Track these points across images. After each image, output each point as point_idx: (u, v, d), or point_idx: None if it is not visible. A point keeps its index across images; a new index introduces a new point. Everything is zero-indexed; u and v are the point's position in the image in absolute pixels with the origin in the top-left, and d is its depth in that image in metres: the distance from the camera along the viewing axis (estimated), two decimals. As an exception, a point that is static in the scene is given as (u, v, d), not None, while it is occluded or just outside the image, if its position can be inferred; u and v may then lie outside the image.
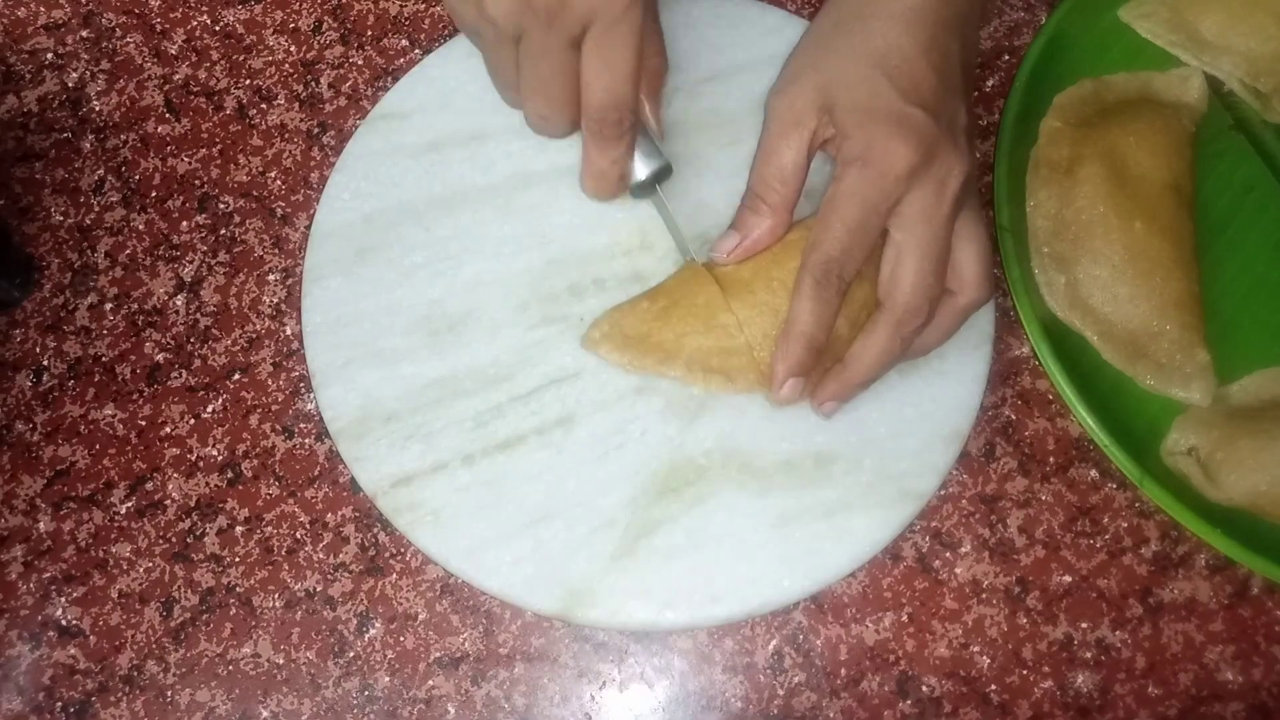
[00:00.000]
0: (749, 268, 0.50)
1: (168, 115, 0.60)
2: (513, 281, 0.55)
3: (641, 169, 0.52)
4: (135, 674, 0.51)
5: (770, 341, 0.49)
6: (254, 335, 0.56)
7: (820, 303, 0.47)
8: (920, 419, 0.52)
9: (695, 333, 0.50)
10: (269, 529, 0.53)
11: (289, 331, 0.56)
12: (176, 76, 0.61)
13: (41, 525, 0.53)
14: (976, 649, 0.52)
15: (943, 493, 0.54)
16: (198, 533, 0.53)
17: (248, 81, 0.61)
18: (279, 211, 0.59)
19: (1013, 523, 0.53)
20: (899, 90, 0.47)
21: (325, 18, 0.62)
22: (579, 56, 0.46)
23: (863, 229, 0.47)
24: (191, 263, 0.58)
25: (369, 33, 0.62)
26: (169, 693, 0.51)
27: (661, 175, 0.52)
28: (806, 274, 0.47)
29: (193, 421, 0.55)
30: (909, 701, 0.51)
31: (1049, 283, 0.55)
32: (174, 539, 0.53)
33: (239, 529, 0.53)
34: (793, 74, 0.50)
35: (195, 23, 0.62)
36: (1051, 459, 0.54)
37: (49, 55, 0.61)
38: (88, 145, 0.60)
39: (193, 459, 0.54)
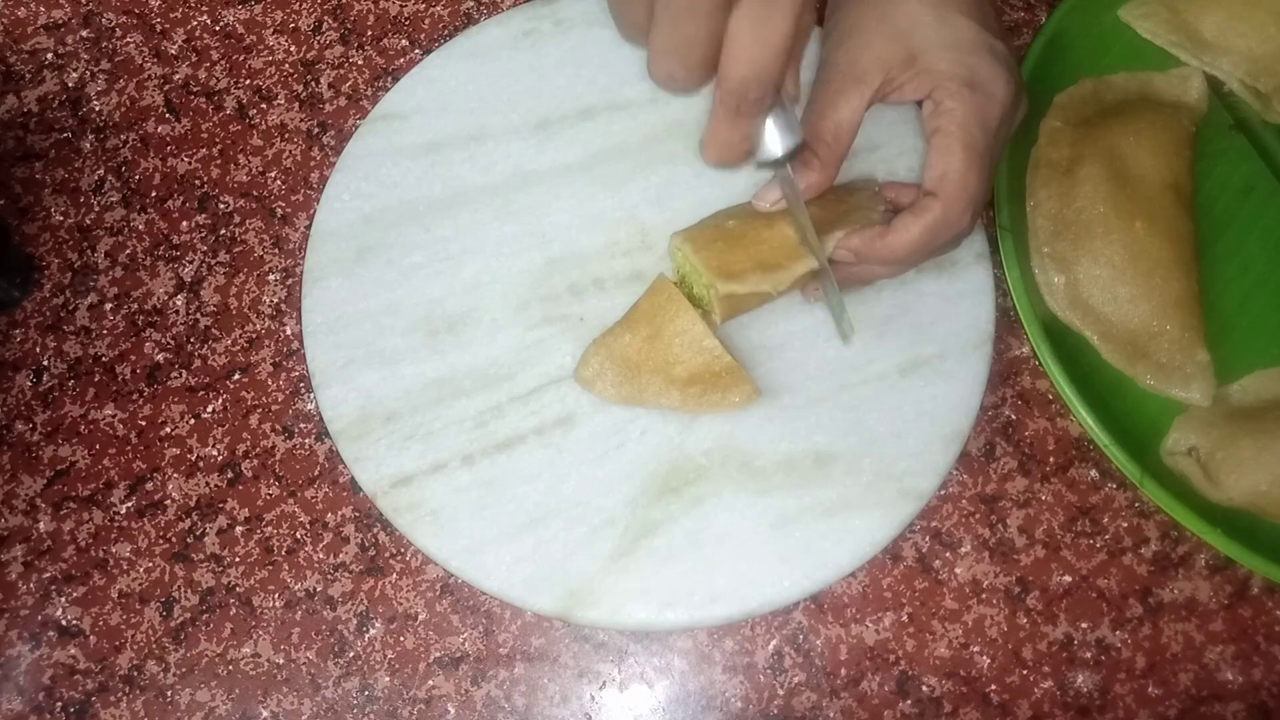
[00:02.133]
0: (740, 261, 0.50)
1: (168, 115, 0.60)
2: (512, 281, 0.55)
3: (775, 144, 0.45)
4: (135, 674, 0.51)
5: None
6: (254, 335, 0.56)
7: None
8: (920, 419, 0.52)
9: (682, 362, 0.51)
10: (269, 529, 0.53)
11: (289, 331, 0.56)
12: (176, 76, 0.61)
13: (41, 525, 0.53)
14: (976, 649, 0.52)
15: (943, 493, 0.54)
16: (198, 533, 0.53)
17: (248, 81, 0.61)
18: (279, 211, 0.59)
19: (1013, 523, 0.53)
20: (979, 24, 0.48)
21: (325, 18, 0.62)
22: (727, 17, 0.39)
23: (993, 155, 0.48)
24: (191, 263, 0.58)
25: (369, 33, 0.62)
26: (169, 693, 0.51)
27: (796, 152, 0.46)
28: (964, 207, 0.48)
29: (193, 421, 0.55)
30: (909, 701, 0.51)
31: (1049, 283, 0.55)
32: (174, 539, 0.53)
33: (239, 529, 0.53)
34: (852, 28, 0.49)
35: (195, 23, 0.62)
36: (1051, 459, 0.54)
37: (49, 55, 0.61)
38: (88, 145, 0.60)
39: (193, 459, 0.54)
